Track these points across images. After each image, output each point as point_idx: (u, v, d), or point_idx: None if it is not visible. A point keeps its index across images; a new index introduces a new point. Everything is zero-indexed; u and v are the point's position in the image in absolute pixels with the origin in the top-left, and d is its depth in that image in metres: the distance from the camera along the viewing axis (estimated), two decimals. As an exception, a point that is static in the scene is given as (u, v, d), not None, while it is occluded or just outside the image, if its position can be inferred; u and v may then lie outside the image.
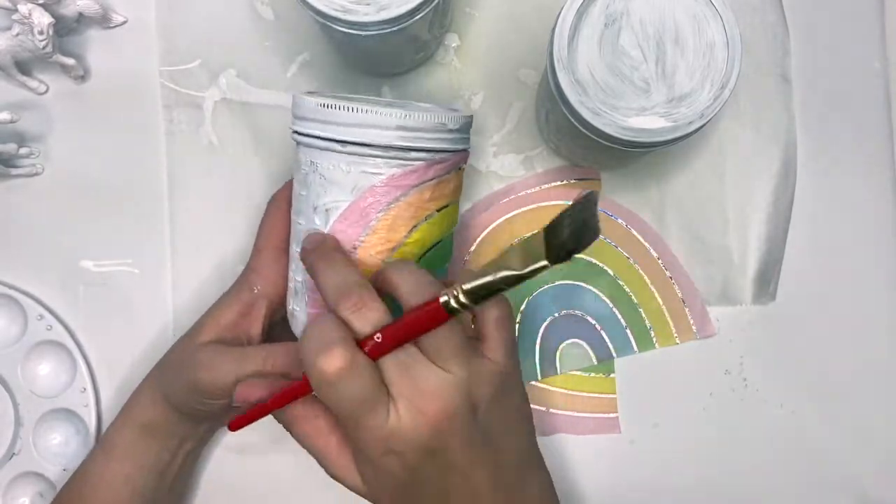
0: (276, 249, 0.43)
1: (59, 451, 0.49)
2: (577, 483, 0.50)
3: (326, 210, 0.37)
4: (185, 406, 0.43)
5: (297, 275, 0.40)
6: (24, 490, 0.49)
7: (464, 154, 0.39)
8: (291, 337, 0.42)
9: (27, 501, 0.49)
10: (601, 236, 0.50)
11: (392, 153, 0.36)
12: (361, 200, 0.37)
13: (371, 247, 0.37)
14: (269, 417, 0.49)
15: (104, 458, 0.44)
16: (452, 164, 0.38)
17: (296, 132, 0.38)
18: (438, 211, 0.38)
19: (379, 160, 0.36)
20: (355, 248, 0.37)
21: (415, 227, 0.38)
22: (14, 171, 0.50)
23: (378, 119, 0.36)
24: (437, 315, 0.32)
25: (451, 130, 0.37)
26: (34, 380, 0.50)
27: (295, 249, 0.39)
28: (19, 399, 0.50)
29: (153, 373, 0.45)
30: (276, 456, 0.50)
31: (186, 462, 0.46)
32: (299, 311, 0.40)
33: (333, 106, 0.36)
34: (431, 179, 0.37)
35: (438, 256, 0.40)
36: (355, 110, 0.36)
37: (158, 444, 0.44)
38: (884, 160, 0.51)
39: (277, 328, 0.44)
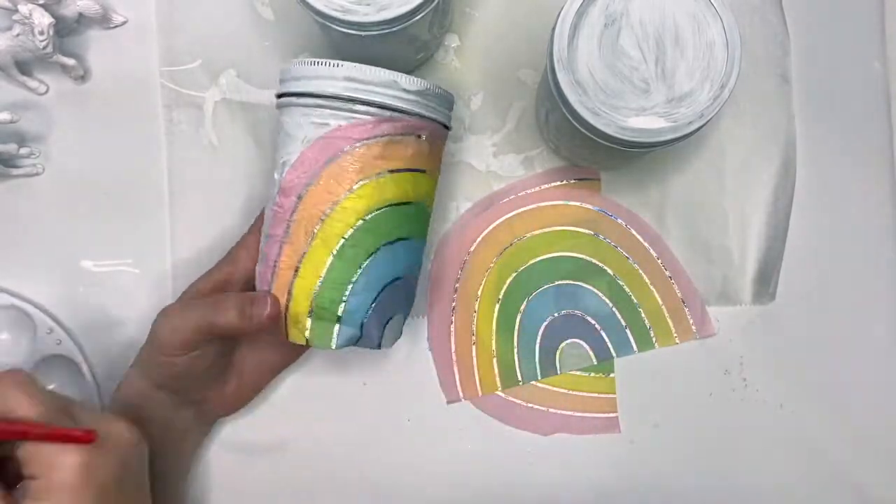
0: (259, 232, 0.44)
1: None
2: (577, 483, 0.50)
3: (283, 163, 0.39)
4: (154, 372, 0.43)
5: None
6: None
7: (426, 123, 0.39)
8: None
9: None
10: (601, 236, 0.50)
11: (338, 104, 0.37)
12: (309, 150, 0.38)
13: (314, 197, 0.38)
14: (271, 417, 0.50)
15: None
16: (406, 126, 0.38)
17: (276, 98, 0.40)
18: (391, 172, 0.38)
19: (326, 111, 0.37)
20: (300, 198, 0.38)
21: (360, 182, 0.37)
22: (14, 171, 0.50)
23: (328, 70, 0.37)
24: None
25: (406, 91, 0.37)
26: None
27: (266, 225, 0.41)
28: None
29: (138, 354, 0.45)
30: (276, 456, 0.50)
31: (171, 451, 0.45)
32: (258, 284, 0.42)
33: (295, 63, 0.38)
34: (381, 136, 0.37)
35: (394, 223, 0.39)
36: (309, 63, 0.38)
37: (140, 424, 0.44)
38: (884, 160, 0.51)
39: None
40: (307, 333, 0.39)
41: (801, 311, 0.51)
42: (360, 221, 0.38)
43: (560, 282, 0.50)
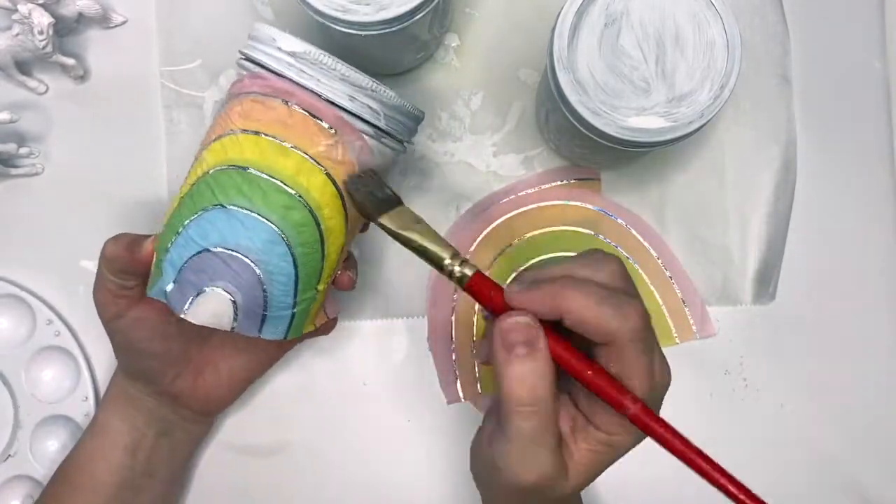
0: None
1: (55, 457, 0.49)
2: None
3: None
4: (120, 357, 0.43)
5: None
6: (16, 492, 0.49)
7: (306, 94, 0.35)
8: None
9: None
10: (601, 236, 0.50)
11: (240, 60, 0.37)
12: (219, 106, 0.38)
13: (198, 148, 0.38)
14: (271, 418, 0.50)
15: (87, 436, 0.45)
16: (273, 87, 0.36)
17: None
18: (244, 132, 0.36)
19: (233, 70, 0.38)
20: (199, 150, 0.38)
21: (219, 136, 0.37)
22: (14, 171, 0.50)
23: (253, 31, 0.37)
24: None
25: (282, 51, 0.35)
26: (37, 384, 0.50)
27: None
28: (20, 401, 0.50)
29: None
30: (277, 456, 0.50)
31: (160, 446, 0.45)
32: None
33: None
34: (249, 93, 0.36)
35: (237, 188, 0.35)
36: (252, 28, 0.37)
37: (127, 420, 0.44)
38: (884, 160, 0.51)
39: None
40: (150, 279, 0.38)
41: (801, 311, 0.51)
42: (205, 173, 0.36)
43: (560, 282, 0.50)
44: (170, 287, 0.36)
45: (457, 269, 0.33)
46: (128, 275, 0.39)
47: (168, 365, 0.43)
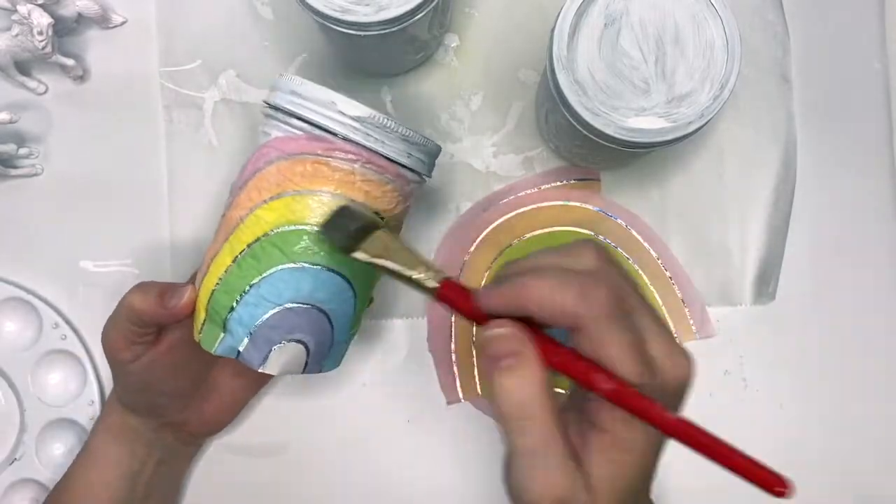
0: None
1: (61, 461, 0.49)
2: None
3: (241, 171, 0.39)
4: (122, 393, 0.43)
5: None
6: (22, 496, 0.49)
7: (363, 152, 0.36)
8: None
9: (23, 507, 0.49)
10: (601, 236, 0.50)
11: (281, 116, 0.37)
12: (252, 157, 0.38)
13: (239, 202, 0.37)
14: (271, 418, 0.50)
15: (84, 462, 0.44)
16: (340, 148, 0.36)
17: None
18: (311, 193, 0.36)
19: (273, 121, 0.37)
20: (231, 202, 0.38)
21: (278, 195, 0.36)
22: (14, 172, 0.50)
23: (282, 83, 0.37)
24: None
25: (345, 115, 0.36)
26: (43, 387, 0.50)
27: None
28: (26, 405, 0.50)
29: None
30: (276, 457, 0.50)
31: (160, 472, 0.45)
32: None
33: (279, 76, 0.38)
34: (310, 154, 0.36)
35: (303, 246, 0.36)
36: (280, 76, 0.37)
37: (126, 448, 0.44)
38: (884, 160, 0.51)
39: None
40: (200, 333, 0.38)
41: (801, 311, 0.51)
42: (266, 234, 0.36)
43: (560, 282, 0.50)
44: (243, 346, 0.37)
45: (428, 282, 0.32)
46: (153, 325, 0.39)
47: (177, 399, 0.43)
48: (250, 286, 0.37)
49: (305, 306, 0.37)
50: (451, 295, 0.31)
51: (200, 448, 0.50)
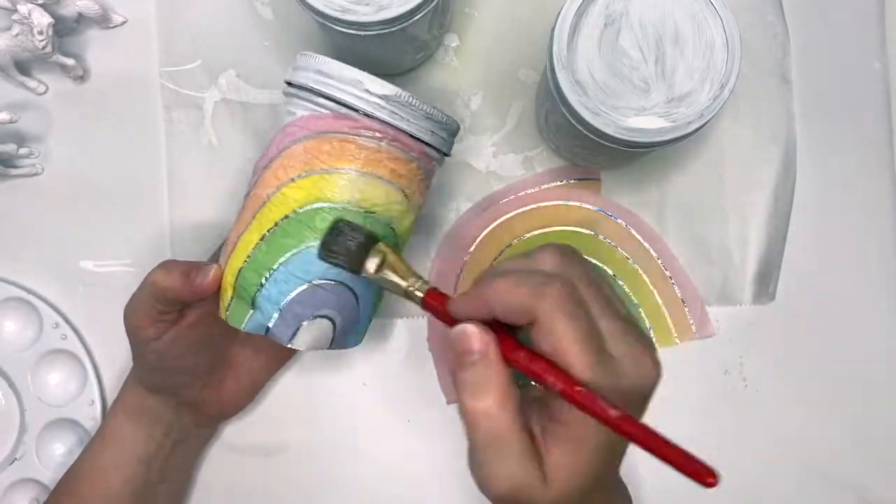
0: None
1: (61, 460, 0.49)
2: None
3: (265, 150, 0.39)
4: (142, 373, 0.43)
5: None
6: (23, 496, 0.49)
7: (389, 129, 0.37)
8: None
9: (23, 507, 0.49)
10: (601, 236, 0.50)
11: (306, 94, 0.37)
12: (277, 136, 0.38)
13: (265, 180, 0.38)
14: (271, 418, 0.50)
15: (97, 446, 0.45)
16: (366, 126, 0.36)
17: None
18: (338, 171, 0.37)
19: (297, 100, 0.37)
20: (257, 180, 0.38)
21: (306, 173, 0.37)
22: (14, 171, 0.50)
23: (307, 62, 0.37)
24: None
25: (371, 93, 0.36)
26: (44, 387, 0.50)
27: None
28: (27, 405, 0.50)
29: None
30: (277, 456, 0.50)
31: (175, 454, 0.46)
32: None
33: (298, 55, 0.38)
34: (337, 132, 0.37)
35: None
36: (301, 55, 0.38)
37: (143, 430, 0.44)
38: (884, 160, 0.51)
39: None
40: (228, 311, 0.39)
41: (801, 311, 0.51)
42: (295, 212, 0.37)
43: (560, 282, 0.50)
44: (272, 322, 0.37)
45: (417, 292, 0.33)
46: (178, 303, 0.39)
47: (196, 377, 0.43)
48: (279, 263, 0.37)
49: (333, 283, 0.37)
50: (434, 303, 0.33)
51: (213, 433, 0.50)
